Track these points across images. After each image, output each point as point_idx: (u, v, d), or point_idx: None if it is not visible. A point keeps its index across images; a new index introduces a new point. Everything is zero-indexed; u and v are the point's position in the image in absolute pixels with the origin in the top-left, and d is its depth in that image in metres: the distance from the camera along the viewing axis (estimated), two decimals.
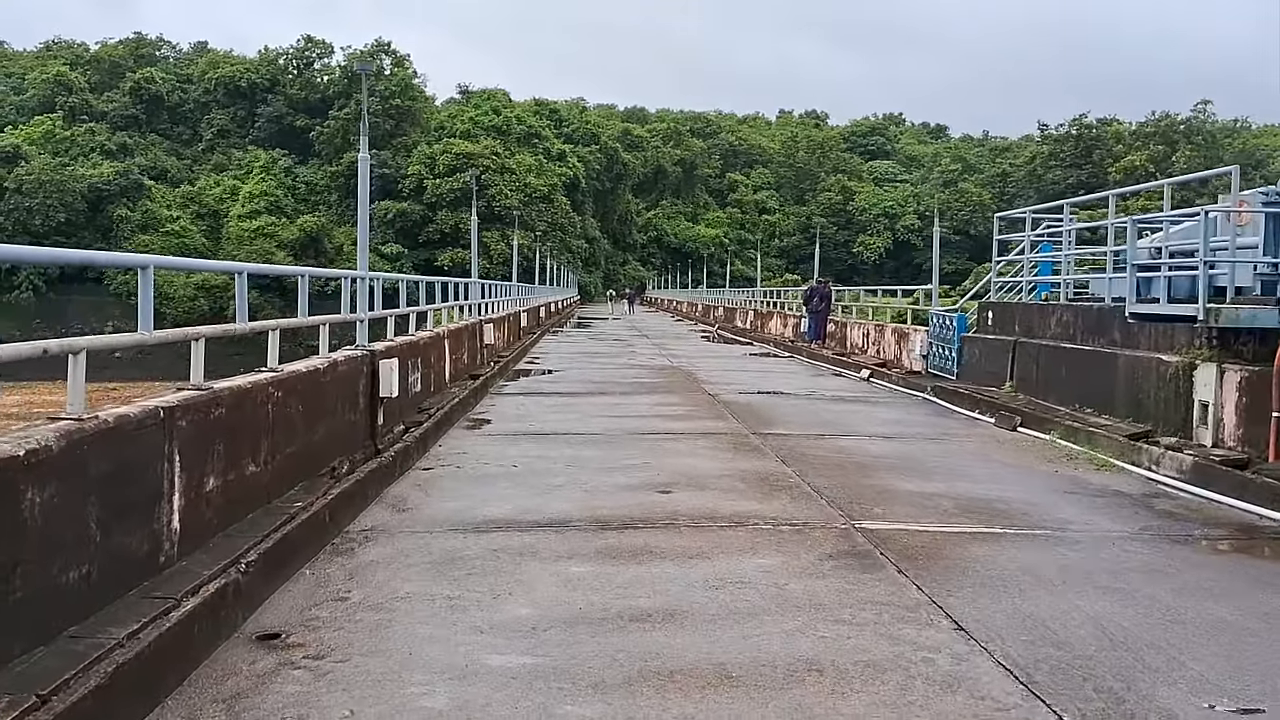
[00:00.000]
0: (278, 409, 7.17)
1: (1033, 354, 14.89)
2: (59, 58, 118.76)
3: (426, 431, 11.44)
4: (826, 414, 15.19)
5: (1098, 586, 6.34)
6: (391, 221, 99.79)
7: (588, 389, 18.40)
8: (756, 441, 12.13)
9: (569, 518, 7.99)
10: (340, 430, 8.90)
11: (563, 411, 15.07)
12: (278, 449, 7.16)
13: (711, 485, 9.35)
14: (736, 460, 10.79)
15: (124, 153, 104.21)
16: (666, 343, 35.31)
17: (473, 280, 20.47)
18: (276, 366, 7.39)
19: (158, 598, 4.94)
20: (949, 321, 18.30)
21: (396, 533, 7.57)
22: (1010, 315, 16.25)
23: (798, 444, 11.98)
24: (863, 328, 24.70)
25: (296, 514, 6.81)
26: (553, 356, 27.31)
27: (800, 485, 9.39)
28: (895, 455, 11.40)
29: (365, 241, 9.90)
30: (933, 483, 9.69)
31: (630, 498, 8.76)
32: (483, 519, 7.97)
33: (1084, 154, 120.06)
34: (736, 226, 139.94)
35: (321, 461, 8.27)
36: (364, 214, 9.79)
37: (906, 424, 14.25)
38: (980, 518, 8.21)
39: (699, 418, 14.42)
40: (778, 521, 7.89)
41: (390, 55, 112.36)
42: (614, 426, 13.27)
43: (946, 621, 5.57)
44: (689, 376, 21.28)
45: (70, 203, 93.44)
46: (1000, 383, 15.76)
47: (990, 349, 16.56)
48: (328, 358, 8.68)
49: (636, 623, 5.51)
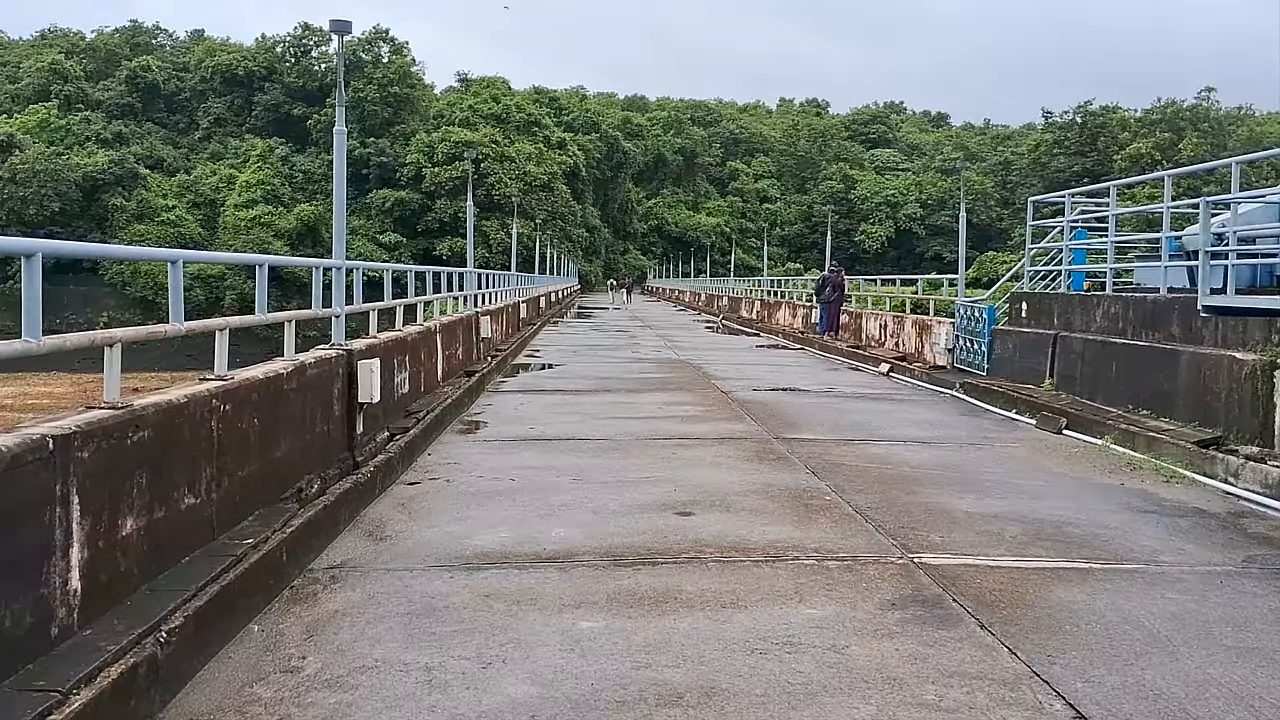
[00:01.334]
0: (226, 425, 5.97)
1: (1076, 349, 13.68)
2: (55, 46, 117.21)
3: (414, 439, 10.24)
4: (851, 414, 13.99)
5: (1226, 647, 5.15)
6: (390, 210, 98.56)
7: (591, 386, 17.19)
8: (781, 448, 10.93)
9: (575, 549, 6.80)
10: (310, 443, 7.70)
11: (565, 412, 13.87)
12: (226, 474, 5.96)
13: (737, 504, 8.16)
14: (762, 472, 9.59)
15: (120, 141, 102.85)
16: (671, 334, 34.08)
17: (468, 270, 19.24)
18: (225, 374, 6.19)
19: (38, 690, 3.75)
20: (978, 313, 17.08)
21: (370, 570, 6.37)
22: (1048, 307, 15.03)
23: (826, 451, 10.78)
24: (879, 319, 23.45)
25: (245, 554, 5.62)
26: (553, 349, 26.10)
27: (839, 504, 8.20)
28: (937, 464, 10.20)
29: (342, 225, 8.69)
30: (988, 500, 8.50)
31: (645, 521, 7.57)
32: (473, 551, 6.78)
33: (1089, 141, 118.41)
34: (738, 215, 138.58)
35: (285, 482, 7.08)
36: (340, 193, 8.57)
37: (940, 426, 13.05)
38: (1055, 546, 7.01)
39: (714, 419, 13.21)
40: (822, 554, 6.69)
41: (389, 42, 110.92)
42: (622, 430, 12.07)
43: (1061, 706, 4.37)
44: (698, 371, 20.07)
45: (65, 192, 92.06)
46: (1038, 380, 14.55)
47: (1026, 343, 15.35)
48: (293, 360, 7.48)
49: (666, 707, 4.32)
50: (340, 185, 8.43)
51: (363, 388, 8.81)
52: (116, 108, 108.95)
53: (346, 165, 8.21)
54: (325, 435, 8.12)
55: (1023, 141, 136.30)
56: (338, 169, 8.50)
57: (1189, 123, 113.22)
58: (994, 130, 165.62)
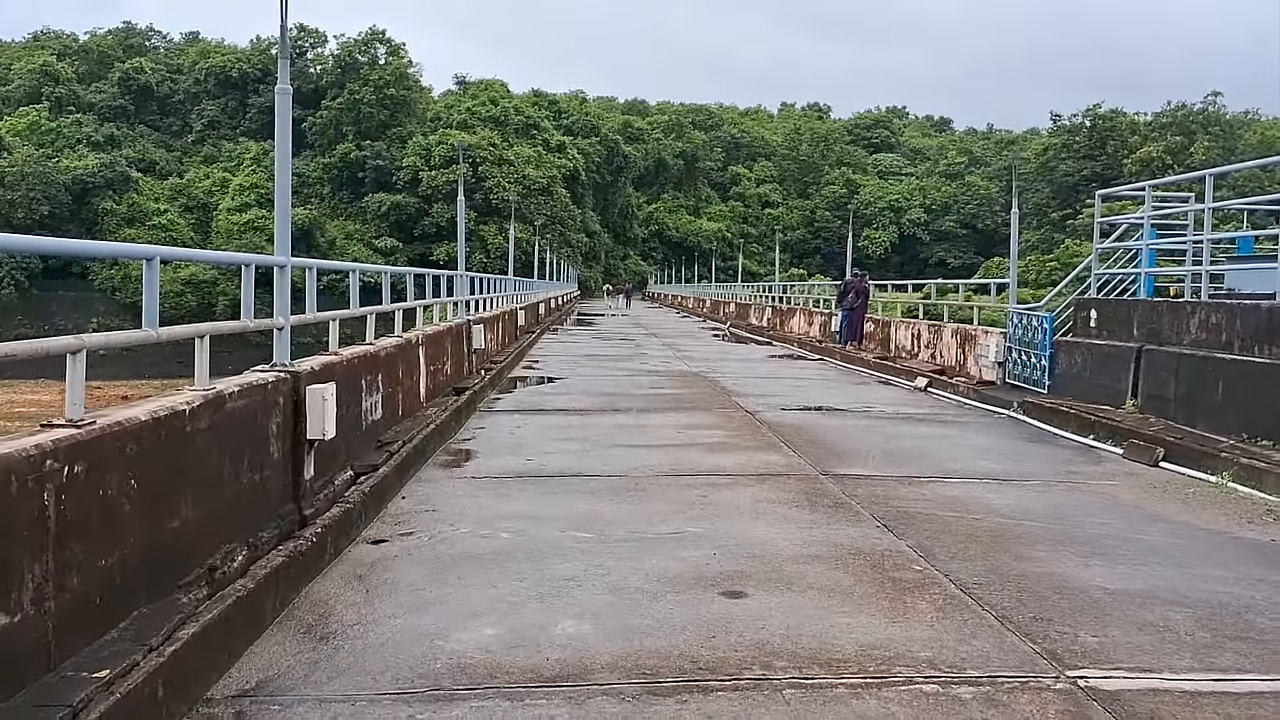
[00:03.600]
0: (75, 496, 4.01)
1: (1167, 366, 11.71)
2: (47, 48, 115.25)
3: (385, 479, 8.26)
4: (901, 440, 12.02)
5: None
6: (386, 215, 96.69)
7: (598, 404, 15.20)
8: (833, 488, 8.96)
9: (589, 658, 4.83)
10: (232, 501, 5.73)
11: (568, 437, 11.88)
12: (74, 569, 4.00)
13: (801, 577, 6.18)
14: (819, 524, 7.61)
15: (111, 144, 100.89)
16: (678, 342, 32.08)
17: (459, 273, 17.24)
18: (79, 418, 4.22)
19: None
20: (1035, 323, 15.10)
21: (298, 700, 4.40)
22: (1125, 316, 13.05)
23: (890, 493, 8.80)
24: (912, 328, 21.43)
25: (92, 699, 3.65)
26: (554, 360, 24.10)
27: (936, 578, 6.22)
28: (1031, 512, 8.22)
29: (287, 207, 6.72)
30: (1123, 568, 6.53)
31: (683, 608, 5.59)
32: (447, 662, 4.80)
33: (1098, 145, 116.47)
34: (739, 220, 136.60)
35: (189, 560, 5.11)
36: (284, 164, 6.61)
37: (1010, 456, 11.08)
38: (1255, 653, 5.05)
39: (744, 448, 11.23)
40: (943, 671, 4.71)
41: (385, 44, 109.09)
42: (637, 463, 10.09)
43: None
44: (714, 386, 18.09)
45: (54, 195, 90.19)
46: (1116, 400, 12.58)
47: (1099, 357, 13.37)
48: (205, 391, 5.50)
49: None
50: (284, 156, 6.47)
51: (312, 421, 6.83)
52: (109, 110, 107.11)
53: (342, 170, 6.43)
54: (257, 487, 6.14)
55: (1026, 146, 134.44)
56: (280, 136, 6.54)
57: (1200, 126, 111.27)
58: (997, 135, 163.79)
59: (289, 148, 6.77)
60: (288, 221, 6.88)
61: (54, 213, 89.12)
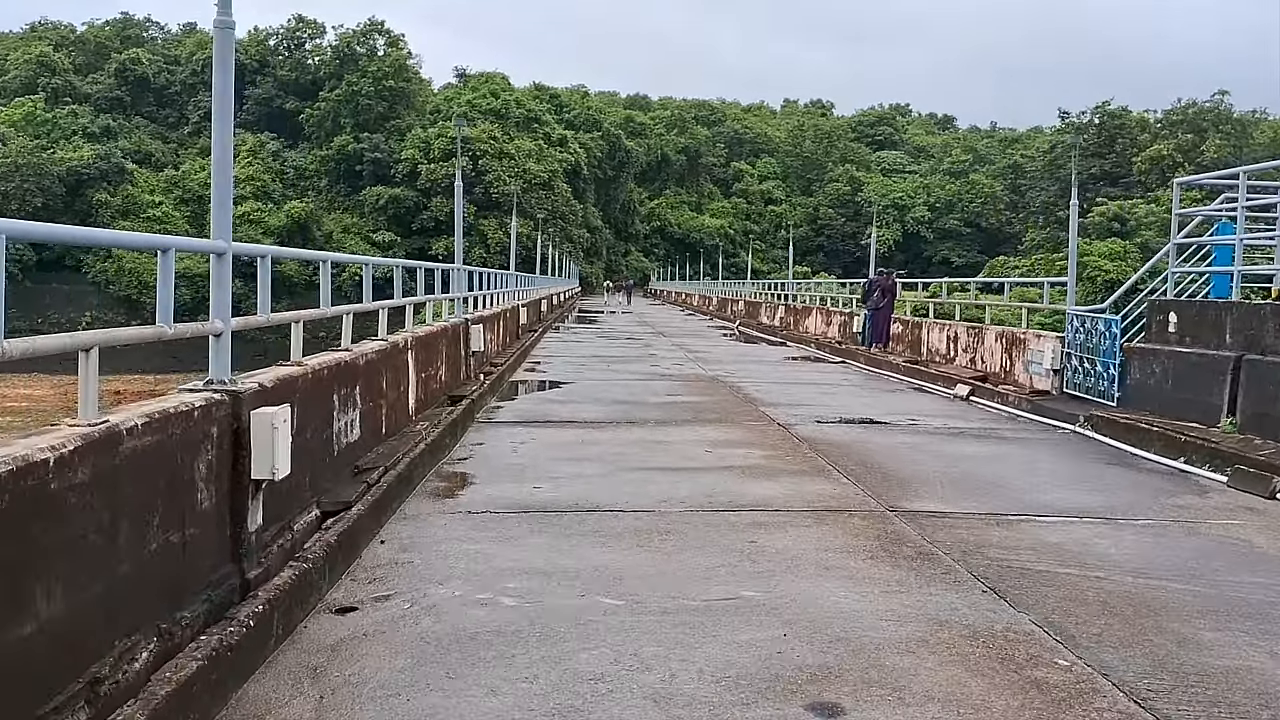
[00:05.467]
0: None
1: (1276, 379, 10.10)
2: (44, 39, 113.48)
3: (358, 520, 6.65)
4: (964, 463, 10.40)
5: None
6: (384, 208, 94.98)
7: (610, 414, 13.58)
8: (910, 531, 7.34)
9: None
10: (134, 577, 4.12)
11: (580, 457, 10.26)
12: None
13: (911, 681, 4.57)
14: (910, 587, 5.99)
15: (107, 135, 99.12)
16: (688, 342, 30.44)
17: (456, 267, 15.62)
18: None
19: None
20: (1099, 326, 13.47)
21: None
22: (1217, 320, 11.44)
23: (981, 538, 7.20)
24: (947, 330, 19.77)
25: None
26: (559, 362, 22.46)
27: (1092, 679, 4.60)
28: (1158, 566, 6.61)
29: (228, 176, 5.14)
30: None
31: None
32: None
33: (1106, 143, 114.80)
34: (742, 217, 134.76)
35: (61, 672, 3.51)
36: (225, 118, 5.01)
37: (1096, 485, 9.45)
38: None
39: (788, 472, 9.61)
40: None
41: (384, 35, 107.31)
42: (664, 493, 8.48)
43: None
44: (736, 392, 16.49)
45: (48, 187, 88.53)
46: (1208, 417, 10.98)
47: (1183, 367, 11.76)
48: (92, 427, 3.89)
49: None
50: (225, 109, 4.90)
51: (259, 455, 5.22)
52: (105, 101, 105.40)
53: (339, 163, 4.93)
54: (174, 551, 4.53)
55: (1030, 144, 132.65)
56: (219, 84, 4.95)
57: (1211, 124, 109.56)
58: (1001, 133, 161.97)
59: (230, 96, 5.24)
60: (229, 194, 5.30)
61: (47, 204, 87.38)
